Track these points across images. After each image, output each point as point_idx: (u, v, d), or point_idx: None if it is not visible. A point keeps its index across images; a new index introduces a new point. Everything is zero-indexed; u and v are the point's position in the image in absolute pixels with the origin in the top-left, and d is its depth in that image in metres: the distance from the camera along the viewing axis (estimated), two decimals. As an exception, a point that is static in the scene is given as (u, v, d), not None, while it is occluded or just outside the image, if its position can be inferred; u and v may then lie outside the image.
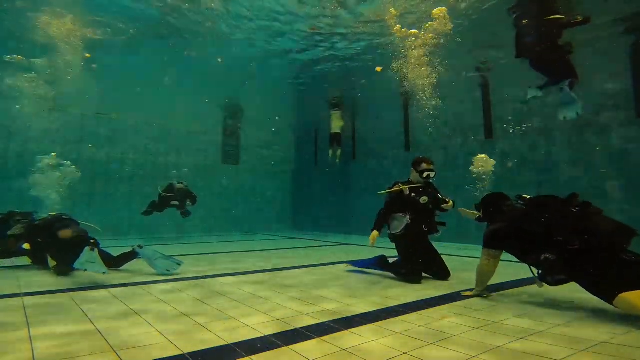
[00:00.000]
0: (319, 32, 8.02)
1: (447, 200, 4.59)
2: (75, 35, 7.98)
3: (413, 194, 4.50)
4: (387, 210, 4.72)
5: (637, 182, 6.82)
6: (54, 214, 5.41)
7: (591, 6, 6.46)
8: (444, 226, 4.67)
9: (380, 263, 4.94)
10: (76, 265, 4.33)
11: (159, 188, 9.94)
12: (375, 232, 4.73)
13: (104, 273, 4.26)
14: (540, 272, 3.22)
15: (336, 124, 12.91)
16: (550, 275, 3.11)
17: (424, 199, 4.46)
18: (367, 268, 5.14)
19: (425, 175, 4.56)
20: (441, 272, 4.60)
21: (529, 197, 3.56)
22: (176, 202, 9.84)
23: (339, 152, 12.66)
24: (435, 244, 4.80)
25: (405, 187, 4.59)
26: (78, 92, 9.49)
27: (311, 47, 8.73)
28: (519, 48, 6.81)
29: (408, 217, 4.51)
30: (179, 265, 4.91)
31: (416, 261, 4.49)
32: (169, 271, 4.81)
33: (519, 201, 3.59)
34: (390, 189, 4.72)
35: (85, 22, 7.67)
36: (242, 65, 9.70)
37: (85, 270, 4.35)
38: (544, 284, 3.21)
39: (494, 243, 3.52)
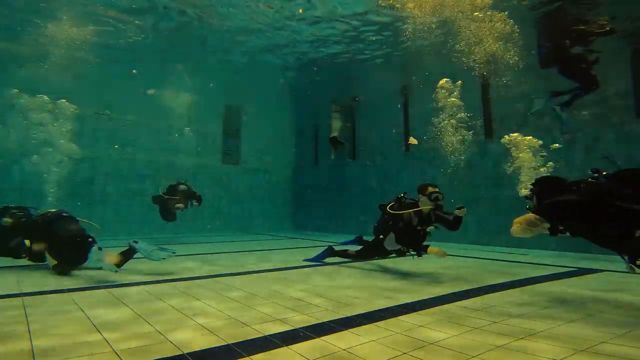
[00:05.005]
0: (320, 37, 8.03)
1: (456, 211, 4.70)
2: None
3: (419, 227, 4.78)
4: (388, 228, 5.00)
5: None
6: (53, 210, 5.40)
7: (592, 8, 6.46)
8: (425, 252, 4.78)
9: (329, 253, 6.00)
10: (89, 264, 4.51)
11: (159, 190, 9.40)
12: None
13: (115, 272, 4.48)
14: (630, 255, 2.82)
15: (336, 128, 12.88)
16: None
17: (430, 228, 4.82)
18: (321, 260, 5.99)
19: (434, 197, 4.70)
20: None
21: (605, 172, 3.00)
22: (180, 205, 9.10)
23: (343, 146, 12.57)
24: (435, 243, 4.89)
25: (413, 214, 4.76)
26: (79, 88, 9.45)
27: (312, 50, 8.73)
28: (541, 59, 6.80)
29: (401, 247, 4.92)
30: (174, 253, 4.99)
31: (370, 258, 5.64)
32: (164, 259, 4.92)
33: (594, 175, 3.01)
34: (399, 204, 4.91)
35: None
36: (243, 65, 9.69)
37: (101, 268, 4.56)
38: (636, 268, 2.82)
39: (554, 214, 2.91)
